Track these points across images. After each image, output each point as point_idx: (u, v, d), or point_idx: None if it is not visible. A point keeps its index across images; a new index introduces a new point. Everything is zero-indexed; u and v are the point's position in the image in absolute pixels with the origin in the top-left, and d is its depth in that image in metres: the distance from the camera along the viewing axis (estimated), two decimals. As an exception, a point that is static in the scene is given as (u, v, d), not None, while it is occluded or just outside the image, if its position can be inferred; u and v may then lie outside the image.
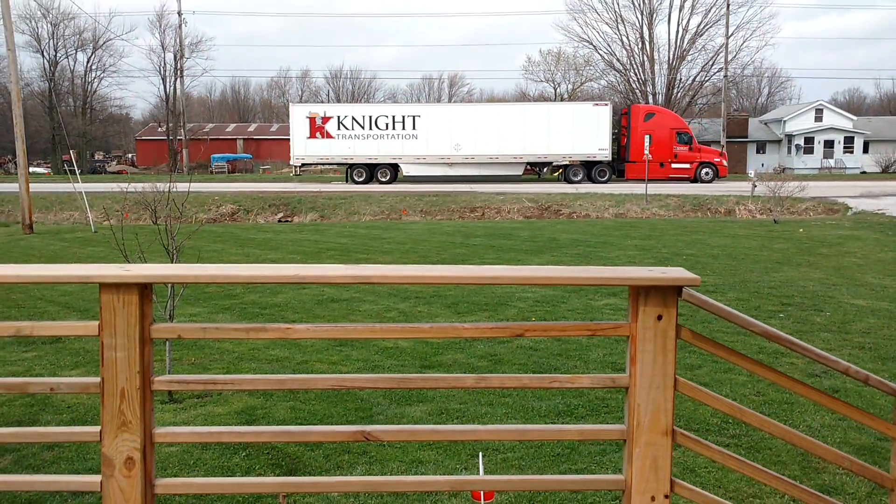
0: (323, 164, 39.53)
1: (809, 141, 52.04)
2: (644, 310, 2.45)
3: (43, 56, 64.18)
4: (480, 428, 2.53)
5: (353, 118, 35.29)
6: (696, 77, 53.53)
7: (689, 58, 53.21)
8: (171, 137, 62.73)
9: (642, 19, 53.32)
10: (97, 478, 2.40)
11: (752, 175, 27.16)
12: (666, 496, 2.49)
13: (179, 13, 57.20)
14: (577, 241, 16.41)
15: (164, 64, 65.70)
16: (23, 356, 7.23)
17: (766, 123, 57.28)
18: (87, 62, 66.25)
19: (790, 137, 52.89)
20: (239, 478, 4.29)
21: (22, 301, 10.01)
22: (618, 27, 53.71)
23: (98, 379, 2.36)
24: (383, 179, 35.44)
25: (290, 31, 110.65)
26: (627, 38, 53.84)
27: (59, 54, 64.75)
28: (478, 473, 4.14)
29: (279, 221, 24.09)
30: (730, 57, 50.49)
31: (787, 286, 10.38)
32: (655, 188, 28.48)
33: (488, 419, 5.42)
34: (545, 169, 37.78)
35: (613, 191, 28.43)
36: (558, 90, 61.06)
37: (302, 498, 4.17)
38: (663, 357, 2.45)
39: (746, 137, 54.74)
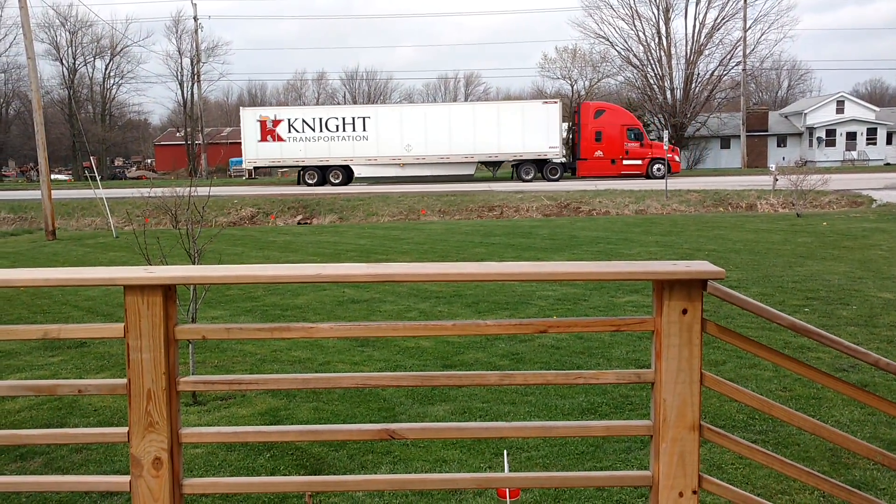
0: (274, 167, 39.60)
1: (831, 133, 51.48)
2: (668, 304, 2.42)
3: (62, 64, 64.96)
4: (505, 425, 2.52)
5: (304, 120, 35.44)
6: (714, 71, 53.07)
7: (706, 52, 52.75)
8: (189, 142, 63.25)
9: (658, 14, 52.96)
10: (126, 478, 2.42)
11: (774, 169, 26.89)
12: (694, 492, 2.47)
13: (195, 18, 57.66)
14: (598, 238, 16.34)
15: (181, 69, 66.29)
16: (49, 360, 7.31)
17: (786, 116, 56.73)
18: (106, 69, 66.96)
19: (811, 130, 52.35)
20: (265, 477, 4.30)
21: (47, 306, 10.13)
22: (634, 23, 53.38)
23: (125, 380, 2.38)
24: (335, 181, 35.53)
25: (307, 34, 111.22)
26: (644, 33, 53.50)
27: (77, 62, 65.50)
28: (503, 471, 4.13)
29: (298, 224, 24.20)
30: (748, 50, 50.09)
31: (811, 280, 10.27)
32: (675, 183, 28.29)
33: (511, 418, 5.41)
34: (497, 168, 37.98)
35: (633, 187, 28.26)
36: (575, 87, 60.79)
37: (327, 497, 4.18)
38: (689, 351, 2.43)
39: (766, 131, 54.25)
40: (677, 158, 36.80)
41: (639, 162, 35.86)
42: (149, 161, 73.06)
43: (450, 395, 5.84)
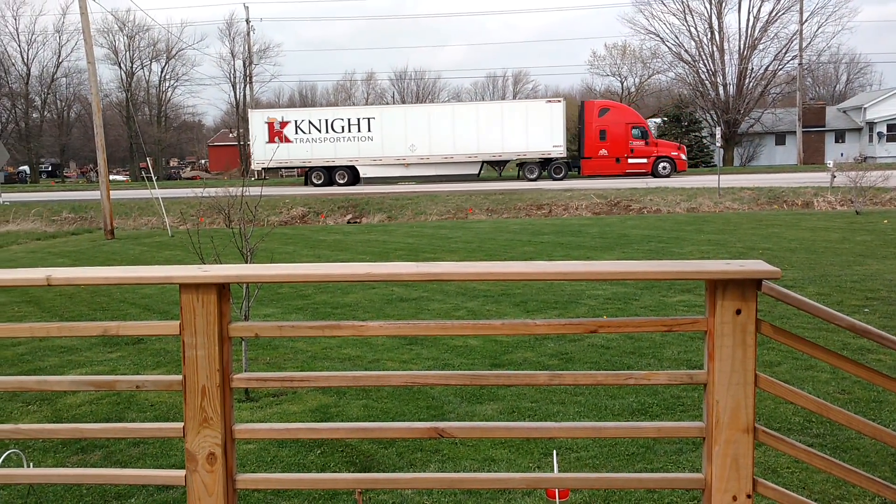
0: (283, 168, 39.95)
1: (893, 128, 49.82)
2: (722, 304, 2.38)
3: (120, 68, 66.73)
4: (554, 425, 2.51)
5: (310, 122, 35.76)
6: (768, 66, 51.87)
7: (760, 46, 51.60)
8: (241, 143, 64.37)
9: (711, 9, 51.98)
10: (181, 472, 2.47)
11: (831, 165, 26.16)
12: (748, 496, 2.42)
13: (247, 21, 58.66)
14: (649, 236, 16.13)
15: (234, 71, 67.46)
16: (107, 357, 7.52)
17: (844, 111, 55.12)
18: (161, 72, 68.57)
19: (872, 125, 50.74)
20: (316, 474, 4.36)
21: (105, 304, 10.42)
22: (685, 18, 52.52)
23: (180, 377, 2.44)
24: (341, 182, 35.80)
25: (358, 34, 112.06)
26: (696, 28, 52.60)
27: (135, 65, 67.20)
28: (552, 472, 4.10)
29: (348, 223, 24.43)
30: (804, 44, 48.81)
31: (871, 280, 9.97)
32: (728, 180, 27.73)
33: (560, 418, 5.37)
34: (503, 167, 37.81)
35: (685, 184, 27.81)
36: (625, 84, 60.17)
37: (377, 495, 4.21)
38: (743, 352, 2.38)
39: (824, 126, 52.80)
40: (683, 157, 36.30)
41: (644, 160, 35.39)
42: (202, 161, 74.60)
43: (498, 395, 5.83)
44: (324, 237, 19.13)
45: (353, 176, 36.04)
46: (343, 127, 35.64)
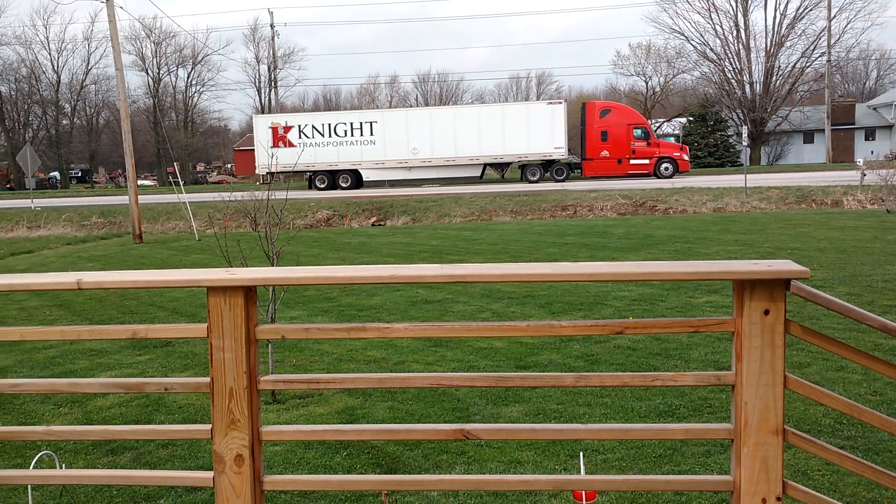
0: (287, 172, 40.49)
1: (924, 125, 49.00)
2: (750, 304, 2.35)
3: (147, 74, 67.65)
4: (581, 427, 2.49)
5: (313, 126, 36.08)
6: (795, 63, 51.25)
7: (787, 44, 51.00)
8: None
9: (737, 6, 51.49)
10: (209, 474, 2.50)
11: (861, 163, 25.77)
12: (778, 498, 2.39)
13: (272, 26, 59.12)
14: (675, 237, 16.00)
15: (259, 76, 68.11)
16: (136, 359, 7.62)
17: (874, 108, 54.29)
18: (188, 77, 69.40)
19: (902, 122, 49.95)
20: (342, 475, 4.38)
21: (134, 307, 10.55)
22: (710, 16, 52.11)
23: (208, 379, 2.46)
24: (344, 185, 36.09)
25: (382, 38, 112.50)
26: (721, 26, 52.13)
27: (161, 71, 68.09)
28: (578, 474, 4.08)
29: (373, 225, 24.51)
30: (833, 40, 48.12)
31: (902, 279, 9.80)
32: (756, 179, 27.42)
33: (586, 420, 5.35)
34: (506, 170, 37.88)
35: (711, 184, 27.55)
36: (649, 83, 59.78)
37: (403, 497, 4.22)
38: (771, 353, 2.35)
39: (853, 124, 52.06)
40: (686, 157, 36.13)
41: (646, 161, 35.28)
42: (229, 166, 75.30)
43: (524, 397, 5.81)
44: (349, 240, 19.21)
45: (356, 179, 36.39)
46: (346, 131, 36.06)
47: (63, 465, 4.67)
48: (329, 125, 36.21)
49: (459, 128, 35.08)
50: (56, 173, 66.46)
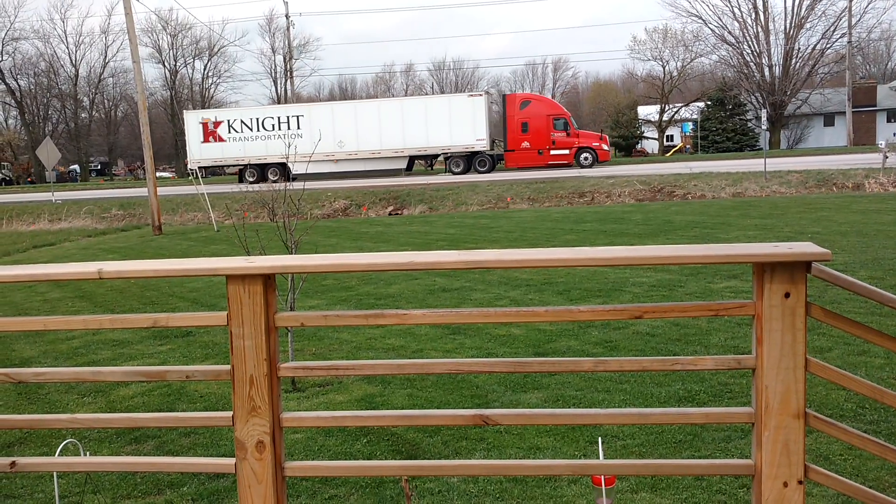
0: (217, 167, 40.98)
1: (947, 106, 48.23)
2: (770, 287, 2.33)
3: (164, 66, 68.00)
4: (600, 412, 2.49)
5: (242, 121, 36.56)
6: (815, 45, 50.51)
7: (807, 25, 50.26)
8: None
9: (755, -12, 50.80)
10: (231, 460, 2.52)
11: (884, 146, 25.41)
12: (800, 482, 2.38)
13: (287, 16, 59.11)
14: (693, 222, 15.89)
15: (275, 66, 68.26)
16: (158, 349, 7.70)
17: (896, 90, 53.47)
18: (204, 69, 69.71)
19: (925, 103, 49.18)
20: (363, 461, 4.40)
21: (155, 297, 10.65)
22: (729, -2, 51.43)
23: (229, 367, 2.48)
24: (273, 179, 36.12)
25: (398, 26, 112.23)
26: (739, 9, 51.46)
27: (178, 63, 68.42)
28: (598, 459, 4.08)
29: (390, 214, 24.54)
30: (853, 21, 47.37)
31: (926, 262, 9.68)
32: (775, 163, 27.14)
33: (605, 406, 5.34)
34: (433, 161, 38.26)
35: (730, 169, 27.30)
36: (667, 68, 59.21)
37: (423, 482, 4.24)
38: (792, 336, 2.34)
39: (875, 106, 51.35)
40: (605, 147, 36.54)
41: (566, 151, 35.67)
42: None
43: (542, 383, 5.81)
44: (366, 229, 19.25)
45: (285, 172, 36.62)
46: (273, 125, 36.63)
47: (88, 453, 4.74)
48: (257, 119, 36.90)
49: (384, 121, 35.48)
50: (76, 166, 67.08)
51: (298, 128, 36.39)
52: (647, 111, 60.61)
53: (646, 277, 9.76)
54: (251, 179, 36.69)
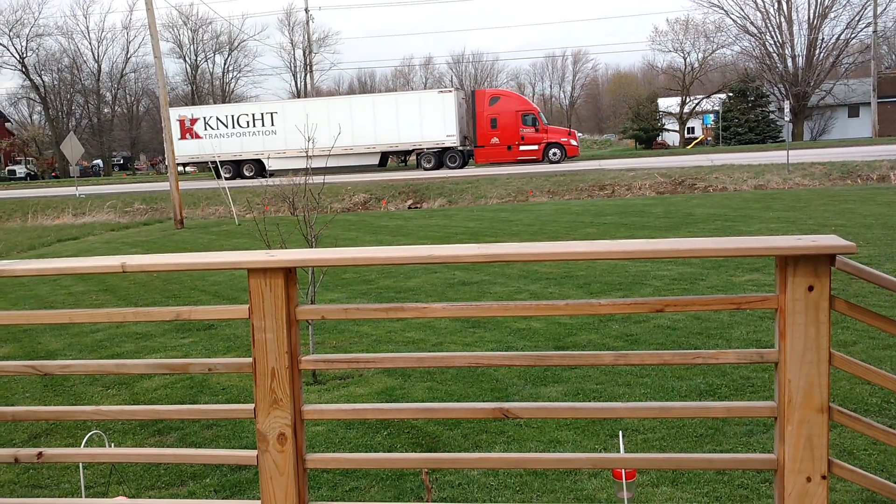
0: (194, 163, 41.40)
1: (975, 96, 47.39)
2: (793, 280, 2.31)
3: (185, 61, 68.46)
4: (620, 406, 2.48)
5: (218, 118, 37.23)
6: (840, 35, 49.78)
7: (831, 15, 49.56)
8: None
9: (778, -22, 50.15)
10: (253, 452, 2.54)
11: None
12: (823, 477, 2.36)
13: (307, 10, 59.23)
14: (715, 215, 15.76)
15: (294, 60, 68.45)
16: (180, 342, 7.77)
17: (923, 80, 52.57)
18: (224, 64, 70.07)
19: (952, 94, 48.35)
20: (383, 454, 4.42)
21: (177, 291, 10.75)
22: (751, -12, 50.80)
23: (250, 360, 2.50)
24: (248, 175, 37.15)
25: (417, 19, 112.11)
26: (762, -1, 50.82)
27: (199, 58, 68.81)
28: (618, 452, 4.07)
29: (409, 208, 24.57)
30: (879, 9, 46.66)
31: (953, 255, 9.54)
32: (798, 155, 26.82)
33: (626, 400, 5.32)
34: (407, 157, 38.77)
35: (752, 161, 27.03)
36: (687, 60, 58.67)
37: (443, 475, 4.26)
38: (816, 330, 2.31)
39: (900, 97, 50.51)
40: (574, 143, 36.47)
41: (535, 147, 35.80)
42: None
43: (562, 377, 5.80)
44: (385, 223, 19.29)
45: (259, 169, 37.24)
46: (248, 122, 37.20)
47: (112, 445, 4.80)
48: (233, 116, 37.49)
49: (356, 117, 35.80)
50: (99, 161, 67.75)
51: (273, 125, 37.03)
52: (668, 103, 60.10)
53: (667, 271, 9.70)
54: (227, 176, 37.38)
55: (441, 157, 36.27)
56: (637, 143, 58.53)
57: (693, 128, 62.19)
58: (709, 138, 57.53)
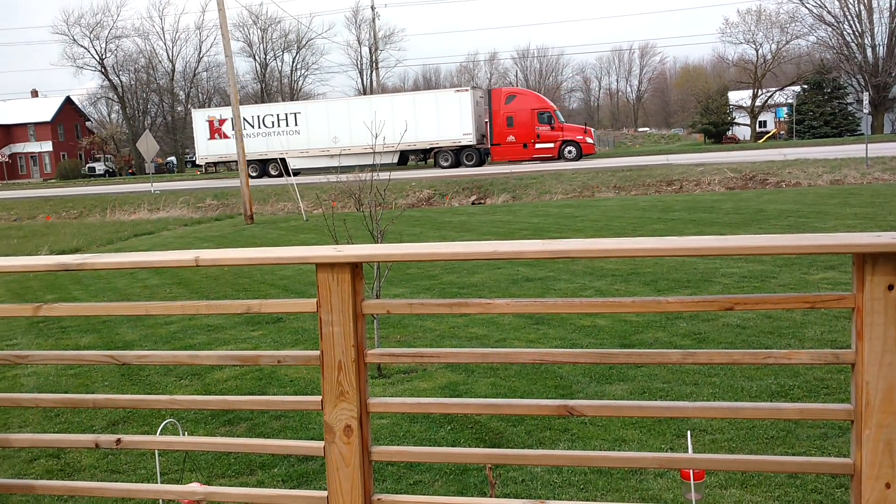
0: (223, 162, 41.95)
1: None
2: (871, 279, 2.23)
3: (254, 59, 70.00)
4: (689, 405, 2.43)
5: (244, 118, 37.32)
6: (924, 23, 47.61)
7: (915, 2, 47.41)
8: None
9: (857, -36, 48.25)
10: (320, 444, 2.59)
11: None
12: (903, 483, 2.27)
13: (373, 8, 59.83)
14: (787, 211, 15.29)
15: (361, 58, 69.20)
16: (250, 335, 7.96)
17: None
18: (293, 62, 71.39)
19: None
20: (448, 448, 4.45)
21: (247, 285, 11.01)
22: (828, -24, 49.03)
23: (318, 352, 2.54)
24: (274, 174, 37.76)
25: (482, 15, 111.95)
26: (840, -13, 48.98)
27: (268, 56, 70.25)
28: (686, 453, 4.00)
29: (473, 204, 24.58)
30: (967, -4, 44.40)
31: None
32: (877, 149, 25.77)
33: (694, 399, 5.23)
34: (427, 156, 38.51)
35: (828, 155, 26.11)
36: (760, 51, 57.00)
37: (506, 471, 4.26)
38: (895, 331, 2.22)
39: None
40: (589, 140, 35.86)
41: (550, 145, 35.41)
42: (332, 148, 77.02)
43: (628, 375, 5.73)
44: (449, 219, 19.35)
45: (285, 168, 37.61)
46: (273, 122, 37.98)
47: (186, 433, 4.96)
48: (258, 117, 38.28)
49: (376, 117, 35.86)
50: (172, 158, 69.90)
51: (296, 124, 37.86)
52: (739, 96, 58.52)
53: (736, 268, 9.46)
54: (253, 174, 38.32)
55: (458, 155, 36.64)
56: (706, 138, 57.19)
57: (765, 121, 60.43)
58: (782, 132, 55.83)
